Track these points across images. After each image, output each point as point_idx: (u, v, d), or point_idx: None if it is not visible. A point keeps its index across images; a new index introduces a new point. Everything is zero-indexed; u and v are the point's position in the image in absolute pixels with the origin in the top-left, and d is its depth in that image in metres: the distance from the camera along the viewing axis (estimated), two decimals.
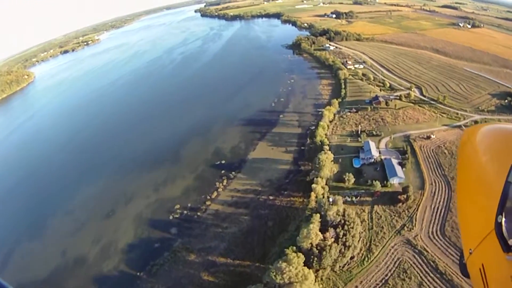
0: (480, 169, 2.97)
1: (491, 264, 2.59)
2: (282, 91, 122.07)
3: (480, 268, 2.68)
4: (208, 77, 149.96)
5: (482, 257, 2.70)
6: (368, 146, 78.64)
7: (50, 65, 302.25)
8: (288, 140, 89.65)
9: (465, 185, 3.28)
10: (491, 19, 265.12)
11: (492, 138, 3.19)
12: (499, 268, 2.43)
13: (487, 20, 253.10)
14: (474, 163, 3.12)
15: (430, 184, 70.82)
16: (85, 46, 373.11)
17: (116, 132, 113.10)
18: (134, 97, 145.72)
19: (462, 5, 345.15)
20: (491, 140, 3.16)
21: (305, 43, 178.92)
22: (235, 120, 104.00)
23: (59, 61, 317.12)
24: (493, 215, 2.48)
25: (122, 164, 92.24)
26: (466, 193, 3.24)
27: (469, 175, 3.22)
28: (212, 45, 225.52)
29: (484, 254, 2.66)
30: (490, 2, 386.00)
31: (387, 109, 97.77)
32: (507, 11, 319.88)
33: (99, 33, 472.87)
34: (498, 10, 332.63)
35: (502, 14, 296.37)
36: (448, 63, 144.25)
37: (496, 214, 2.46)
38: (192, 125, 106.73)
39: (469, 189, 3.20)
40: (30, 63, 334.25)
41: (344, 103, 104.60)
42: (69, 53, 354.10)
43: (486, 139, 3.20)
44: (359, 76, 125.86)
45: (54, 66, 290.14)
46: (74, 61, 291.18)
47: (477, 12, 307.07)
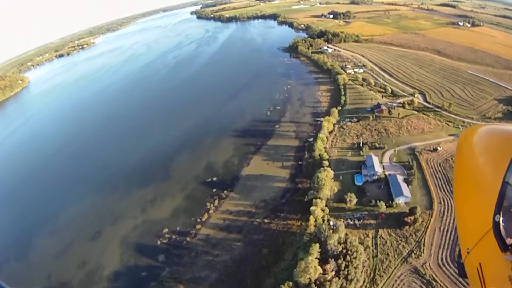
0: (478, 169, 2.97)
1: (489, 263, 2.57)
2: (279, 98, 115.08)
3: (478, 267, 2.65)
4: (201, 83, 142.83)
5: (479, 256, 2.68)
6: (371, 161, 71.98)
7: (45, 70, 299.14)
8: (285, 153, 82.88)
9: (462, 185, 3.27)
10: (489, 17, 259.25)
11: (490, 139, 3.18)
12: (497, 267, 2.43)
13: (486, 19, 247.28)
14: (472, 163, 3.12)
15: (438, 203, 64.52)
16: (80, 50, 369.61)
17: (106, 143, 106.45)
18: (125, 104, 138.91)
19: (460, 3, 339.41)
20: (489, 141, 3.15)
21: (302, 45, 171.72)
22: (228, 130, 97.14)
23: (54, 65, 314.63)
24: (491, 214, 2.48)
25: (110, 178, 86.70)
26: (464, 193, 3.23)
27: (466, 175, 3.20)
28: (206, 48, 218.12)
29: (482, 254, 2.64)
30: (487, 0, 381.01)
31: (390, 118, 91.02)
32: (505, 8, 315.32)
33: (95, 37, 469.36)
34: (496, 7, 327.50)
35: (500, 12, 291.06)
36: (451, 65, 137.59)
37: (493, 214, 2.47)
38: (183, 135, 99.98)
39: (466, 189, 3.18)
40: (26, 68, 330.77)
41: (344, 111, 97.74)
42: (64, 57, 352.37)
43: (483, 139, 3.20)
44: (359, 81, 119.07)
45: (48, 70, 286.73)
46: (69, 65, 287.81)
47: (476, 10, 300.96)
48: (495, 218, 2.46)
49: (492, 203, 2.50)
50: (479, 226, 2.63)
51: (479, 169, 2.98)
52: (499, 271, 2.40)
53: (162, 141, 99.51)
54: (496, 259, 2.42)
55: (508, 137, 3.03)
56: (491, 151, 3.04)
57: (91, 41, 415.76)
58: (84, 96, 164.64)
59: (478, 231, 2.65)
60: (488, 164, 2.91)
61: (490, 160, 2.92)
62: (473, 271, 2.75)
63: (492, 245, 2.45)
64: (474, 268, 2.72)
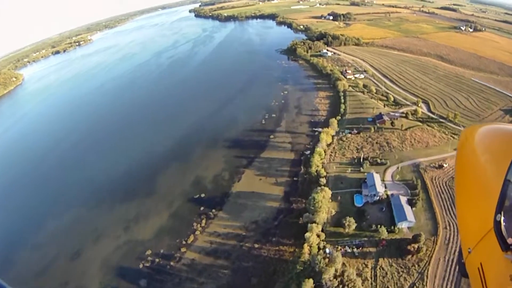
0: (479, 168, 2.94)
1: (490, 263, 2.55)
2: (274, 104, 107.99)
3: (479, 267, 2.63)
4: (194, 87, 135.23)
5: (480, 256, 2.65)
6: (372, 180, 65.63)
7: (41, 66, 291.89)
8: (279, 168, 76.29)
9: (464, 185, 3.22)
10: (491, 22, 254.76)
11: (491, 138, 3.14)
12: (498, 267, 2.41)
13: (487, 23, 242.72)
14: (473, 162, 3.08)
15: (444, 228, 58.62)
16: (76, 47, 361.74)
17: (91, 149, 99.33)
18: (115, 107, 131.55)
19: (460, 6, 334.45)
20: (490, 140, 3.11)
21: (301, 48, 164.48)
22: (220, 140, 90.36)
23: (49, 62, 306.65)
24: (492, 214, 2.46)
25: (95, 189, 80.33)
26: (465, 192, 3.18)
27: (467, 175, 3.16)
28: (202, 48, 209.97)
29: (483, 253, 2.63)
30: (488, 4, 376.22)
31: (393, 130, 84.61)
32: (505, 13, 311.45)
33: (92, 33, 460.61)
34: (496, 12, 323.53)
35: (501, 17, 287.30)
36: (455, 72, 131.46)
37: (494, 213, 2.44)
38: (172, 144, 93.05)
39: (468, 188, 3.14)
40: (22, 64, 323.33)
41: (344, 121, 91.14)
42: (60, 53, 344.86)
43: (484, 138, 3.15)
44: (360, 88, 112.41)
45: (44, 67, 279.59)
46: (64, 62, 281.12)
47: (477, 14, 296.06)
48: (496, 217, 2.42)
49: (493, 202, 2.45)
50: (480, 226, 2.58)
51: (480, 169, 2.90)
52: (500, 271, 2.37)
53: (150, 150, 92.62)
54: (497, 259, 2.38)
55: (509, 136, 2.96)
56: (492, 150, 2.94)
57: (88, 38, 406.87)
58: (74, 97, 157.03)
59: (479, 230, 2.60)
60: (489, 163, 2.83)
61: (492, 159, 2.83)
62: (474, 271, 2.70)
63: (493, 244, 2.41)
64: (475, 268, 2.67)
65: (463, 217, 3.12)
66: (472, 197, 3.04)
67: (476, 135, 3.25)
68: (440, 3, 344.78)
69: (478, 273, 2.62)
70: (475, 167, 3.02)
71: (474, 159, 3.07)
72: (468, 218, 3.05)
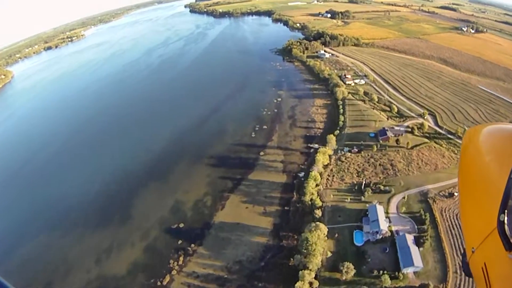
0: (483, 168, 2.87)
1: (494, 262, 2.50)
2: (266, 114, 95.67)
3: (483, 267, 2.58)
4: (180, 92, 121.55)
5: (484, 256, 2.59)
6: (374, 214, 55.12)
7: (32, 63, 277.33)
8: (269, 193, 65.28)
9: (467, 185, 3.13)
10: (491, 22, 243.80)
11: (495, 137, 3.04)
12: (501, 266, 2.36)
13: (488, 24, 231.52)
14: (477, 162, 3.00)
15: (454, 272, 49.04)
16: (69, 42, 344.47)
17: (67, 164, 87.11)
18: (98, 112, 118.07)
19: (459, 6, 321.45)
20: (494, 139, 3.02)
21: (297, 48, 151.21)
22: (204, 157, 78.82)
23: (41, 58, 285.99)
24: (496, 213, 2.38)
25: (67, 211, 69.63)
26: (469, 192, 3.08)
27: (471, 174, 3.07)
28: (194, 46, 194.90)
29: (487, 253, 2.56)
30: (487, 4, 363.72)
31: (398, 149, 73.67)
32: (504, 13, 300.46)
33: (86, 28, 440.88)
34: (496, 12, 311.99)
35: (501, 17, 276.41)
36: (460, 78, 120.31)
37: (498, 213, 2.37)
38: (152, 159, 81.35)
39: (471, 188, 3.05)
40: (13, 60, 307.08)
41: (343, 136, 79.81)
42: (52, 49, 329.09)
43: (488, 138, 3.06)
44: (360, 95, 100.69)
45: (34, 64, 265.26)
46: (54, 59, 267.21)
47: (477, 14, 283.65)
48: (500, 217, 2.34)
49: (497, 202, 2.37)
50: (484, 226, 2.50)
51: (484, 168, 2.82)
52: (504, 271, 2.33)
53: (129, 164, 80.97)
54: (500, 259, 2.31)
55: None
56: (496, 150, 2.86)
57: (81, 33, 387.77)
58: (58, 101, 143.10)
59: (482, 230, 2.52)
60: (493, 162, 2.75)
61: (495, 159, 2.76)
62: (478, 270, 2.66)
63: (497, 244, 2.33)
64: (479, 267, 2.62)
65: (466, 217, 3.04)
66: (475, 196, 2.92)
67: (480, 135, 3.13)
68: (439, 2, 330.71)
69: (482, 273, 2.55)
70: (479, 166, 2.92)
71: (478, 158, 2.97)
72: (471, 218, 2.96)
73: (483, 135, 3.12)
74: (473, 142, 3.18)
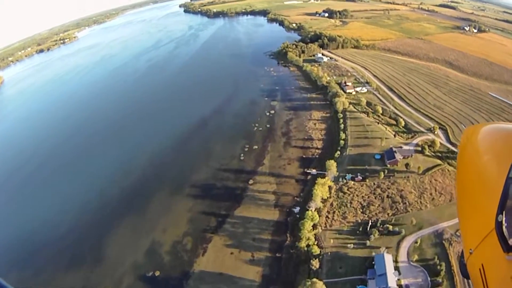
0: (481, 168, 2.79)
1: (491, 264, 2.42)
2: (258, 130, 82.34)
3: (480, 268, 2.49)
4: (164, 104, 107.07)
5: (482, 257, 2.52)
6: (382, 265, 42.94)
7: (23, 67, 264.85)
8: (257, 235, 52.66)
9: (465, 185, 3.06)
10: (492, 21, 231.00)
11: (493, 137, 2.98)
12: (499, 268, 2.28)
13: (489, 23, 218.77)
14: (475, 162, 2.93)
15: None
16: (61, 45, 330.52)
17: (41, 189, 74.23)
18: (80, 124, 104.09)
19: (458, 4, 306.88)
20: (492, 139, 2.96)
21: (293, 52, 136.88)
22: (185, 185, 65.85)
23: (32, 61, 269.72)
24: (494, 214, 2.31)
25: (38, 249, 57.73)
26: (467, 193, 3.01)
27: (469, 175, 2.99)
28: (184, 50, 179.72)
29: (484, 254, 2.49)
30: (485, 1, 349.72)
31: (408, 175, 61.04)
32: (503, 11, 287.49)
33: (80, 29, 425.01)
34: (495, 10, 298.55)
35: (501, 15, 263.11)
36: (469, 84, 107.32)
37: (496, 214, 2.30)
38: (128, 187, 68.44)
39: (469, 188, 2.97)
40: (5, 64, 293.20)
41: (345, 159, 66.92)
42: (44, 52, 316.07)
43: (486, 138, 3.00)
44: (363, 106, 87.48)
45: (24, 69, 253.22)
46: (44, 63, 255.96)
47: (476, 13, 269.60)
48: (498, 218, 2.28)
49: (495, 203, 2.31)
50: (482, 227, 2.43)
51: (482, 168, 2.75)
52: (501, 272, 2.24)
53: (103, 193, 68.09)
54: (498, 260, 2.24)
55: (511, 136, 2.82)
56: (494, 150, 2.79)
57: (74, 35, 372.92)
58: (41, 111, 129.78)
59: (480, 231, 2.45)
60: (491, 163, 2.69)
61: (493, 159, 2.69)
62: (475, 271, 2.57)
63: (495, 245, 2.27)
64: (477, 268, 2.53)
65: (464, 218, 2.93)
66: (473, 197, 2.82)
67: (478, 134, 3.05)
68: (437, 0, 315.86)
69: (480, 274, 2.46)
70: (477, 166, 2.83)
71: (476, 158, 2.88)
72: (469, 219, 2.86)
73: (481, 135, 2.98)
74: (471, 141, 3.03)
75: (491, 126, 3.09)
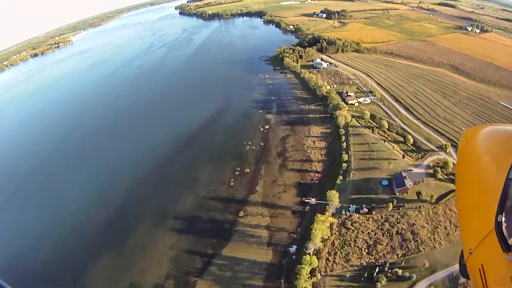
0: (480, 168, 2.80)
1: (491, 264, 2.39)
2: (250, 150, 73.18)
3: (480, 268, 2.46)
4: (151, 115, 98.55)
5: (481, 257, 2.49)
6: None
7: (15, 72, 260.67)
8: (248, 280, 44.05)
9: (465, 185, 3.05)
10: (493, 20, 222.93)
11: (492, 138, 2.99)
12: (499, 268, 2.26)
13: (490, 22, 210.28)
14: (474, 163, 2.92)
15: None
16: (55, 49, 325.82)
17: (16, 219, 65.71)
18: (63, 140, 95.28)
19: (457, 2, 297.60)
20: (491, 140, 2.96)
21: (290, 57, 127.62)
22: (168, 217, 57.43)
23: (26, 66, 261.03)
24: (493, 214, 2.31)
25: None
26: (466, 193, 3.01)
27: (469, 175, 2.99)
28: (176, 54, 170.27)
29: (484, 254, 2.46)
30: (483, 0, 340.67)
31: (419, 205, 52.56)
32: (502, 9, 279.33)
33: (75, 33, 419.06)
34: (494, 8, 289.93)
35: (500, 14, 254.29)
36: (478, 92, 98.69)
37: (496, 214, 2.29)
38: (106, 218, 59.87)
39: (469, 189, 2.97)
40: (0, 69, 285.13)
41: (348, 186, 58.34)
42: (38, 56, 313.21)
43: (486, 139, 3.00)
44: (367, 120, 78.69)
45: (18, 73, 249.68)
46: (37, 68, 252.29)
47: (476, 11, 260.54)
48: (498, 218, 2.26)
49: (495, 203, 2.29)
50: (482, 227, 2.41)
51: (482, 169, 2.75)
52: (501, 272, 2.21)
53: (80, 222, 59.68)
54: (498, 260, 2.22)
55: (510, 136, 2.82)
56: (493, 150, 2.79)
57: (69, 38, 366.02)
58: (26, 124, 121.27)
59: (480, 231, 2.43)
60: (490, 163, 2.69)
61: (493, 159, 2.69)
62: (475, 272, 2.53)
63: (495, 245, 2.24)
64: (476, 269, 2.50)
65: (464, 218, 2.91)
66: (473, 197, 2.82)
67: (477, 136, 3.04)
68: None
69: (479, 274, 2.44)
70: (477, 167, 2.83)
71: (476, 159, 2.88)
72: (469, 219, 2.83)
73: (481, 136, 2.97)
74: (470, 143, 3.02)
75: (490, 127, 3.04)
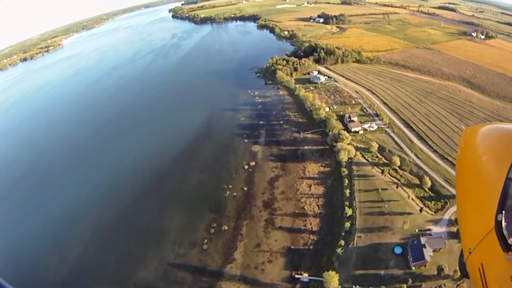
0: (480, 167, 2.75)
1: (490, 263, 2.35)
2: (230, 197, 57.00)
3: (479, 267, 2.43)
4: (117, 144, 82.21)
5: (481, 256, 2.45)
6: None
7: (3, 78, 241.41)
8: None
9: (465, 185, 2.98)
10: (495, 24, 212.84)
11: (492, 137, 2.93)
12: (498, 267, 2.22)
13: (493, 27, 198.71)
14: (474, 162, 2.87)
15: None
16: (45, 53, 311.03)
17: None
18: (25, 164, 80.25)
19: (456, 5, 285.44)
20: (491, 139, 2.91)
21: (283, 69, 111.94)
22: None
23: (15, 71, 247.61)
24: (493, 213, 2.26)
25: None
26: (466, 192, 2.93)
27: (469, 174, 2.94)
28: (161, 63, 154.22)
29: (484, 254, 2.42)
30: (481, 2, 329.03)
31: (440, 284, 37.96)
32: (501, 13, 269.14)
33: (67, 36, 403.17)
34: (493, 11, 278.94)
35: (500, 17, 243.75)
36: (496, 111, 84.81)
37: (496, 213, 2.25)
38: None
39: (469, 188, 2.90)
40: None
41: (351, 256, 43.16)
42: (27, 61, 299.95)
43: (486, 138, 2.94)
44: (374, 154, 63.43)
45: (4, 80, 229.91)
46: (22, 75, 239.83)
47: (477, 15, 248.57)
48: (498, 217, 2.22)
49: (495, 202, 2.25)
50: (481, 226, 2.36)
51: (482, 168, 2.70)
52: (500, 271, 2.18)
53: None
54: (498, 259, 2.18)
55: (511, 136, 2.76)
56: (493, 150, 2.73)
57: (60, 42, 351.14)
58: None
59: (480, 230, 2.38)
60: (490, 162, 2.64)
61: (493, 159, 2.64)
62: (474, 271, 2.49)
63: (494, 245, 2.21)
64: (476, 268, 2.46)
65: (464, 217, 2.86)
66: (473, 197, 2.75)
67: (477, 135, 2.98)
68: (435, 2, 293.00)
69: (479, 274, 2.39)
70: (476, 166, 2.77)
71: (475, 158, 2.82)
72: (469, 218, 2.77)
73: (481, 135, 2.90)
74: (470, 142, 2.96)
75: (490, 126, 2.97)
